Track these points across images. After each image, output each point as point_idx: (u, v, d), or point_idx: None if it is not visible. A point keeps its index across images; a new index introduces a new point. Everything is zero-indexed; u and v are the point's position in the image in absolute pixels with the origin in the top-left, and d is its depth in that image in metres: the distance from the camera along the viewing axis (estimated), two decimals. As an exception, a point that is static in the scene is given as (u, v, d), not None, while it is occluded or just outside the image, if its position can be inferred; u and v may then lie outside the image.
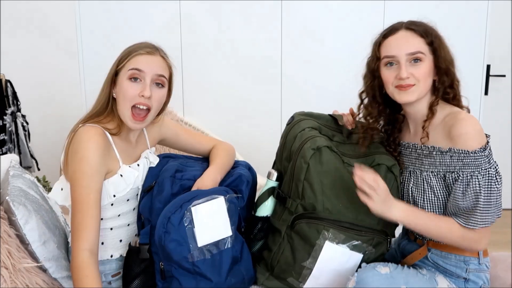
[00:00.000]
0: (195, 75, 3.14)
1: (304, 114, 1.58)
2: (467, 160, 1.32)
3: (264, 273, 1.48)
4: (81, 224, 1.29)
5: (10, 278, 1.21)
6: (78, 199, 1.31)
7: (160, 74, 1.41)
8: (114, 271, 1.46)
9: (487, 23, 3.01)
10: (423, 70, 1.38)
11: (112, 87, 1.41)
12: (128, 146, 1.47)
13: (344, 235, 1.37)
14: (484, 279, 1.43)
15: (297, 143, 1.45)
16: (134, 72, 1.37)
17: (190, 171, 1.48)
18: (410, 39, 1.39)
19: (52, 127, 3.16)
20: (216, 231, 1.37)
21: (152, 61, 1.40)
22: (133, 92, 1.37)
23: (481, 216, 1.32)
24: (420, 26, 1.41)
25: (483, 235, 1.35)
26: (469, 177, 1.32)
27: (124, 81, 1.38)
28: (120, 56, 1.42)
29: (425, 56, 1.38)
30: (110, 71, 1.42)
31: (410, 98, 1.40)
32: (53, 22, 3.18)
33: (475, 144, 1.31)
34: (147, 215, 1.42)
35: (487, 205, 1.32)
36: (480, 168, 1.32)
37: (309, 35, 3.10)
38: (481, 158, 1.31)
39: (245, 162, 1.61)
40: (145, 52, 1.39)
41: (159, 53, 1.43)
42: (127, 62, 1.38)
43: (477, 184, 1.31)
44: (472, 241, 1.35)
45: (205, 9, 3.05)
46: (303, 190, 1.40)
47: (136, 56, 1.38)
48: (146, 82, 1.38)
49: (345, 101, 2.92)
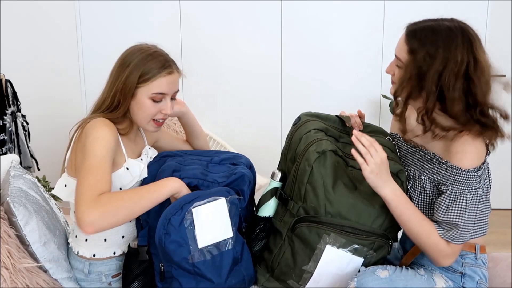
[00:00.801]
0: (195, 75, 3.14)
1: (310, 115, 1.56)
2: (459, 177, 1.32)
3: (265, 274, 1.48)
4: (95, 186, 1.24)
5: (10, 278, 1.21)
6: (94, 164, 1.27)
7: (177, 91, 1.48)
8: (115, 272, 1.46)
9: (487, 23, 3.02)
10: (398, 75, 1.40)
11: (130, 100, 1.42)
12: (132, 143, 1.51)
13: (345, 239, 1.36)
14: (480, 275, 1.44)
15: (302, 145, 1.44)
16: (157, 96, 1.42)
17: (189, 170, 1.47)
18: (401, 41, 1.40)
19: (52, 127, 3.16)
20: (217, 232, 1.36)
21: (173, 81, 1.44)
22: (155, 110, 1.43)
23: (461, 233, 1.32)
24: (416, 34, 1.36)
25: (455, 251, 1.35)
26: (458, 194, 1.33)
27: (146, 100, 1.41)
28: (138, 71, 1.39)
29: (403, 64, 1.37)
30: (125, 82, 1.39)
31: (392, 91, 1.44)
32: (53, 22, 3.18)
33: (469, 163, 1.31)
34: (144, 217, 1.42)
35: (468, 224, 1.32)
36: (471, 187, 1.32)
37: (309, 35, 3.10)
38: (473, 178, 1.31)
39: (246, 160, 1.59)
40: (167, 73, 1.42)
41: (175, 68, 1.46)
42: (149, 83, 1.40)
43: (463, 202, 1.32)
44: (442, 254, 1.35)
45: (205, 9, 3.05)
46: (306, 193, 1.39)
47: (159, 79, 1.40)
48: (167, 101, 1.44)
49: (345, 99, 2.92)
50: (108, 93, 1.43)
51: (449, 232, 1.33)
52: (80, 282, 1.45)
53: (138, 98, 1.41)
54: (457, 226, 1.32)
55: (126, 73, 1.39)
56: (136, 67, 1.39)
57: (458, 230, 1.32)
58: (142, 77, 1.39)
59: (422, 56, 1.32)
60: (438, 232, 1.35)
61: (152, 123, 1.45)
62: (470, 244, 1.43)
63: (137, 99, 1.41)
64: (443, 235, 1.34)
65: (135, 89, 1.40)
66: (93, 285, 1.45)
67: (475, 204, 1.33)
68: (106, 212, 1.21)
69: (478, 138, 1.32)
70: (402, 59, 1.37)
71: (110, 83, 1.43)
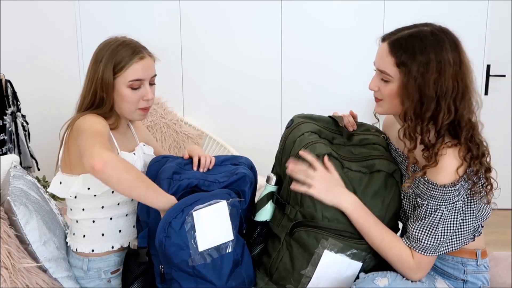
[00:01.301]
0: (195, 76, 3.14)
1: (303, 117, 1.55)
2: (435, 192, 1.29)
3: (264, 279, 1.47)
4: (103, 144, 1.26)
5: (10, 278, 1.21)
6: (94, 132, 1.29)
7: (154, 75, 1.50)
8: (114, 268, 1.47)
9: (487, 23, 3.02)
10: (387, 91, 1.33)
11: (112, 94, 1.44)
12: (123, 138, 1.53)
13: (342, 243, 1.35)
14: (483, 280, 1.42)
15: (297, 148, 1.42)
16: (135, 83, 1.43)
17: (189, 172, 1.46)
18: (383, 54, 1.32)
19: (52, 127, 3.14)
20: (218, 235, 1.36)
21: (147, 65, 1.46)
22: (137, 97, 1.45)
23: (427, 246, 1.31)
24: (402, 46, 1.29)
25: (421, 265, 1.33)
26: (433, 210, 1.30)
27: (125, 90, 1.43)
28: (112, 62, 1.42)
29: (393, 78, 1.31)
30: (102, 75, 1.42)
31: (377, 110, 1.41)
32: (53, 22, 3.18)
33: (445, 180, 1.27)
34: (144, 218, 1.41)
35: (439, 238, 1.30)
36: (448, 202, 1.29)
37: (309, 35, 3.10)
38: (450, 192, 1.28)
39: (247, 160, 1.58)
40: (139, 59, 1.44)
41: (147, 53, 1.48)
42: (124, 71, 1.42)
43: (438, 217, 1.30)
44: (406, 266, 1.33)
45: (205, 9, 3.05)
46: (302, 197, 1.38)
47: (132, 65, 1.43)
48: (146, 86, 1.46)
49: (345, 102, 2.93)
50: (87, 91, 1.45)
51: (415, 243, 1.32)
52: (80, 280, 1.46)
53: (117, 89, 1.43)
54: (424, 240, 1.30)
55: (101, 68, 1.42)
56: (109, 60, 1.42)
57: (424, 243, 1.30)
58: (116, 67, 1.42)
59: (416, 67, 1.26)
60: (404, 241, 1.34)
61: (139, 111, 1.47)
62: (471, 251, 1.41)
63: (116, 90, 1.43)
64: (410, 245, 1.33)
65: (113, 81, 1.42)
66: (93, 282, 1.46)
67: (452, 217, 1.30)
68: (120, 162, 1.23)
69: (456, 150, 1.27)
70: (390, 73, 1.31)
71: (87, 81, 1.46)
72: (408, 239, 1.34)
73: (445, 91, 1.26)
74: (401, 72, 1.29)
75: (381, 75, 1.35)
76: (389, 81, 1.33)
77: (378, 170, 1.41)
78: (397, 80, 1.31)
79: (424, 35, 1.28)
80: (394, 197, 1.41)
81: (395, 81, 1.31)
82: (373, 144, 1.49)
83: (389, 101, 1.35)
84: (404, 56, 1.28)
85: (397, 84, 1.31)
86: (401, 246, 1.34)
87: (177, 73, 3.12)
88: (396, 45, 1.30)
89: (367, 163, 1.43)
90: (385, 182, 1.40)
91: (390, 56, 1.30)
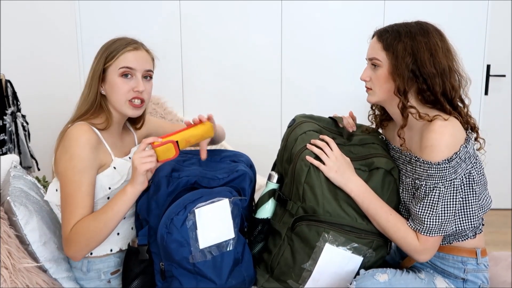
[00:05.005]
0: (195, 76, 3.14)
1: (305, 117, 1.59)
2: (431, 171, 1.31)
3: (264, 275, 1.48)
4: (72, 214, 1.32)
5: (10, 278, 1.21)
6: (69, 193, 1.33)
7: (148, 69, 1.47)
8: (113, 269, 1.47)
9: (487, 23, 3.02)
10: (378, 76, 1.39)
11: (100, 84, 1.44)
12: (117, 140, 1.51)
13: (344, 237, 1.37)
14: (482, 279, 1.43)
15: (298, 145, 1.45)
16: (126, 70, 1.42)
17: (187, 169, 1.46)
18: (372, 44, 1.42)
19: (52, 127, 3.14)
20: (219, 233, 1.36)
21: (140, 57, 1.45)
22: (127, 87, 1.43)
23: (430, 226, 1.32)
24: (388, 32, 1.39)
25: (427, 246, 1.35)
26: (431, 188, 1.32)
27: (116, 79, 1.42)
28: (105, 53, 1.44)
29: (381, 62, 1.38)
30: (94, 68, 1.45)
31: (370, 99, 1.46)
32: (53, 22, 3.18)
33: (439, 156, 1.29)
34: (144, 216, 1.42)
35: (441, 216, 1.32)
36: (445, 179, 1.31)
37: (309, 35, 3.10)
38: (445, 170, 1.30)
39: (247, 159, 1.58)
40: (132, 48, 1.44)
41: (143, 47, 1.49)
42: (115, 60, 1.42)
43: (436, 195, 1.31)
44: (411, 248, 1.36)
45: (205, 9, 3.05)
46: (304, 192, 1.40)
47: (124, 54, 1.43)
48: (137, 78, 1.44)
49: (345, 102, 2.93)
50: (87, 89, 1.46)
51: (416, 222, 1.35)
52: (80, 281, 1.45)
53: (109, 79, 1.43)
54: (426, 220, 1.32)
55: (95, 62, 1.45)
56: (103, 53, 1.44)
57: (427, 223, 1.33)
58: (109, 56, 1.43)
59: (402, 47, 1.34)
60: (409, 224, 1.37)
61: (129, 104, 1.43)
62: (471, 249, 1.42)
63: (107, 80, 1.43)
64: (414, 227, 1.36)
65: (104, 71, 1.43)
66: (93, 283, 1.46)
67: (451, 195, 1.32)
68: (80, 246, 1.33)
69: (447, 127, 1.30)
70: (379, 57, 1.38)
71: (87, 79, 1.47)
72: (413, 221, 1.37)
73: (443, 69, 1.33)
74: (389, 55, 1.36)
75: (371, 63, 1.42)
76: (378, 66, 1.39)
77: (377, 168, 1.44)
78: (386, 63, 1.37)
79: (410, 24, 1.39)
80: (393, 192, 1.44)
81: (384, 65, 1.38)
82: (372, 144, 1.52)
83: (379, 85, 1.40)
84: (390, 38, 1.36)
85: (386, 67, 1.37)
86: (405, 229, 1.37)
87: (177, 73, 3.12)
88: (383, 32, 1.40)
89: (366, 161, 1.46)
90: (384, 179, 1.43)
91: (378, 43, 1.39)
